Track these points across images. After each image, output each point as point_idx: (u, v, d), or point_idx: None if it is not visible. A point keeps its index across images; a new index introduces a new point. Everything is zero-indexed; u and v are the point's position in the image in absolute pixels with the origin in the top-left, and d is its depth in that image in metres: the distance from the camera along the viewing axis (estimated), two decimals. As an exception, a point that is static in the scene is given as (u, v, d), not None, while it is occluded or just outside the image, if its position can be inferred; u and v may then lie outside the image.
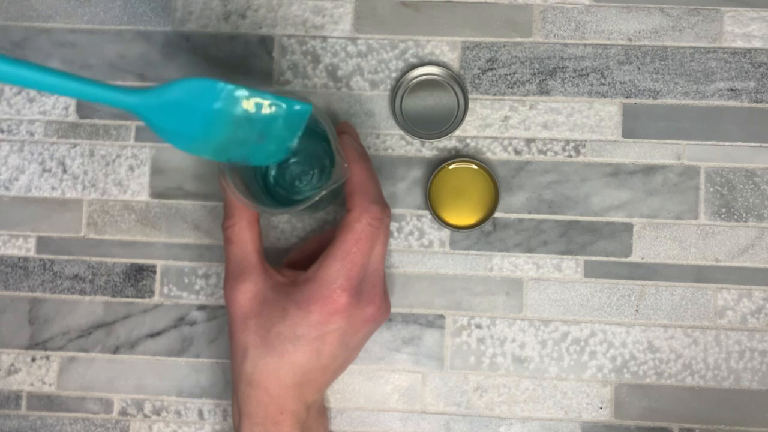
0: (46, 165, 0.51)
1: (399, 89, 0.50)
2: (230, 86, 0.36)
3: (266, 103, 0.37)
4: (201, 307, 0.50)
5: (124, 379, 0.50)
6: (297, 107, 0.38)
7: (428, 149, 0.50)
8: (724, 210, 0.49)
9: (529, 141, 0.50)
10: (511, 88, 0.50)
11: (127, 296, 0.50)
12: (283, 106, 0.38)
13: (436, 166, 0.49)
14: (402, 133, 0.50)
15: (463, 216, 0.49)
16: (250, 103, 0.37)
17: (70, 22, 0.52)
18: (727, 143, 0.50)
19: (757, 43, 0.50)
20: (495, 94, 0.50)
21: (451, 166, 0.49)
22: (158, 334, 0.50)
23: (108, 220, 0.51)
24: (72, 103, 0.51)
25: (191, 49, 0.51)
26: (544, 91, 0.50)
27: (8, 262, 0.51)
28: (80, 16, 0.52)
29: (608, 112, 0.50)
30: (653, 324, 0.49)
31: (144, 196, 0.51)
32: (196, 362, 0.50)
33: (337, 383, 0.49)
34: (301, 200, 0.42)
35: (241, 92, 0.36)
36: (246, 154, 0.39)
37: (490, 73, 0.51)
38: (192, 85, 0.35)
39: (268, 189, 0.48)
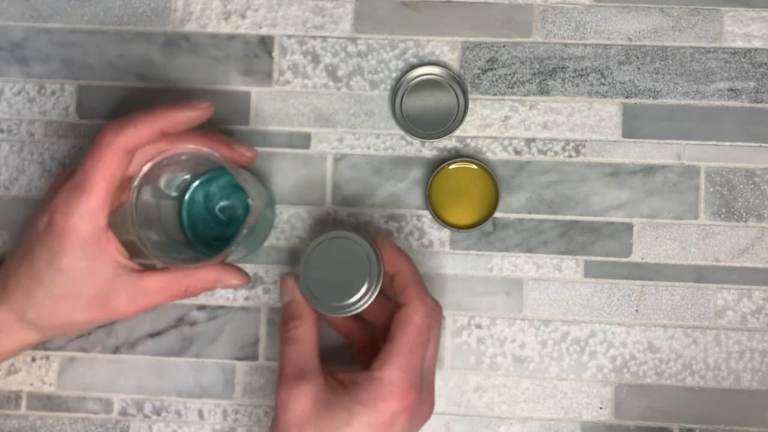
0: (46, 165, 0.51)
1: (399, 89, 0.50)
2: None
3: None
4: (201, 307, 0.50)
5: (124, 379, 0.50)
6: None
7: (428, 149, 0.50)
8: (724, 210, 0.49)
9: (529, 141, 0.50)
10: (511, 88, 0.50)
11: (127, 296, 0.50)
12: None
13: (436, 166, 0.49)
14: (402, 133, 0.50)
15: (463, 216, 0.49)
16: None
17: (70, 22, 0.52)
18: (727, 143, 0.50)
19: (757, 43, 0.50)
20: (495, 94, 0.50)
21: (451, 166, 0.49)
22: (158, 334, 0.50)
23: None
24: (72, 103, 0.51)
25: (191, 49, 0.51)
26: (544, 91, 0.50)
27: (8, 262, 0.51)
28: (80, 16, 0.52)
29: (608, 112, 0.50)
30: (653, 324, 0.49)
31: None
32: (196, 362, 0.50)
33: (337, 383, 0.49)
34: (226, 244, 0.42)
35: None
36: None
37: (490, 73, 0.51)
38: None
39: (192, 241, 0.48)
